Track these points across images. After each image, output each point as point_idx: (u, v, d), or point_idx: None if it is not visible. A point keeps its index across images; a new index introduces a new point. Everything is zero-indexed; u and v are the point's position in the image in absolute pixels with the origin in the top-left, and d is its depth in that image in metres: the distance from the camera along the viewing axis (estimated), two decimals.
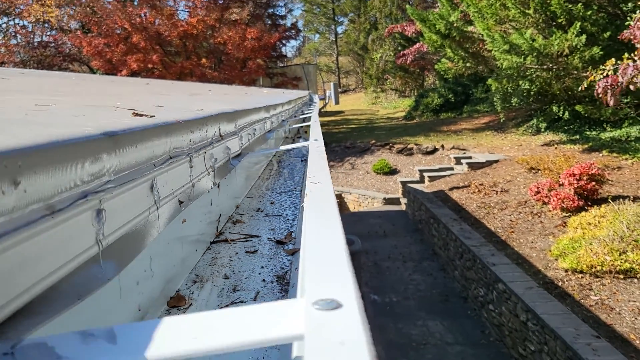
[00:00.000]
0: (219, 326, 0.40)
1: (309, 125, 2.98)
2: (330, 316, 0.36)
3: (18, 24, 27.96)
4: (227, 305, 1.17)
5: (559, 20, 11.38)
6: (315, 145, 1.49)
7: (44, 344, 0.39)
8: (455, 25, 15.43)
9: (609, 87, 7.17)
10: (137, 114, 0.91)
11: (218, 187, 1.59)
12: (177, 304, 1.16)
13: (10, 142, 0.45)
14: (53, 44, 26.15)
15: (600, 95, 7.49)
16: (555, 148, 13.39)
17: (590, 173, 8.64)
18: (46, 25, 27.07)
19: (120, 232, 0.69)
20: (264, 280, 1.34)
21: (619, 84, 7.01)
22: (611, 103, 7.34)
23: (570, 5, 11.11)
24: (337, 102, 25.08)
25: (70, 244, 0.55)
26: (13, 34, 27.41)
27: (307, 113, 4.94)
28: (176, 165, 0.96)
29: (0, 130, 0.51)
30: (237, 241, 1.58)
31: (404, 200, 14.06)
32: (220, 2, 23.63)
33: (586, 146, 12.78)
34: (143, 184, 0.78)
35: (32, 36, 26.52)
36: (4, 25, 27.96)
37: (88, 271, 0.60)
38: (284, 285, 1.29)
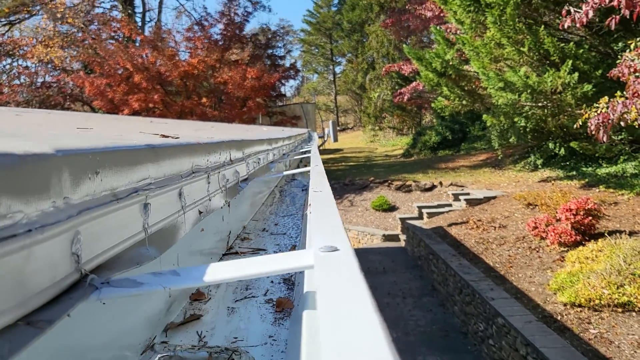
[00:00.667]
0: (254, 264, 0.53)
1: (309, 158, 3.14)
2: (331, 255, 0.50)
3: (21, 64, 28.55)
4: (241, 300, 1.30)
5: (552, 58, 11.68)
6: (317, 168, 1.65)
7: (126, 278, 0.53)
8: (451, 63, 15.79)
9: (600, 124, 7.37)
10: (164, 136, 1.06)
11: (229, 205, 1.73)
12: (198, 297, 1.32)
13: (88, 144, 0.59)
14: (56, 84, 26.59)
15: (593, 133, 7.68)
16: (552, 184, 13.53)
17: (586, 208, 8.75)
18: (49, 65, 27.60)
19: (159, 225, 0.82)
20: (272, 281, 1.48)
21: (610, 120, 7.21)
22: (604, 140, 7.52)
23: (562, 44, 11.43)
24: (335, 140, 25.38)
25: (127, 225, 0.69)
26: (16, 74, 27.95)
27: (306, 148, 5.12)
28: (197, 179, 1.09)
29: (72, 138, 0.65)
30: (246, 253, 1.71)
31: (403, 237, 14.12)
32: (220, 43, 24.15)
33: (583, 182, 12.91)
34: (174, 190, 0.92)
35: (35, 76, 27.00)
36: (8, 67, 28.53)
37: (138, 250, 0.74)
38: (289, 285, 1.43)
